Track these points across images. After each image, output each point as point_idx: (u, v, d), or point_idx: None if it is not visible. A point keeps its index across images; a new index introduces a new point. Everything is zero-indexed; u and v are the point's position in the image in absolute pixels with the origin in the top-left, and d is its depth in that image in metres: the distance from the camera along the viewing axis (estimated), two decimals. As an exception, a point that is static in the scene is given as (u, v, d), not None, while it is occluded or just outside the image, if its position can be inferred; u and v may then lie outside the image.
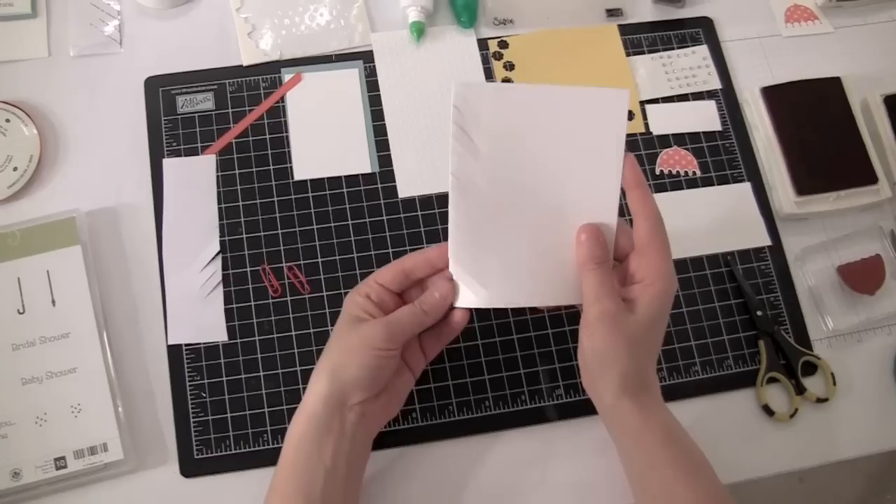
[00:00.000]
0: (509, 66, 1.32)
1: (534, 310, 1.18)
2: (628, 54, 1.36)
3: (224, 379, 1.13)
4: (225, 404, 1.12)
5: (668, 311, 1.01)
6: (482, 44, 1.34)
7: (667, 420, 0.99)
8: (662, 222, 1.00)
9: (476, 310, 1.10)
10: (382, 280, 1.03)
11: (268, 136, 1.25)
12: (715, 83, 1.34)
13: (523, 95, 1.02)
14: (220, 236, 1.19)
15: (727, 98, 1.34)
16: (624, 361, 0.96)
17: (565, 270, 1.02)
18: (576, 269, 1.01)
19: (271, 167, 1.23)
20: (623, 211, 1.02)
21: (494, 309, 1.16)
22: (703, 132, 1.31)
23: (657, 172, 1.28)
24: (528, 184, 1.02)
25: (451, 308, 1.03)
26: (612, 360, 0.96)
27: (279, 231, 1.20)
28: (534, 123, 1.01)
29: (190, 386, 1.13)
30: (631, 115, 1.31)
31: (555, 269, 1.03)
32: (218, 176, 1.22)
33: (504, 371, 1.16)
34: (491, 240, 1.02)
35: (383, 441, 1.10)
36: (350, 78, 1.30)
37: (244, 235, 1.20)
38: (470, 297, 1.03)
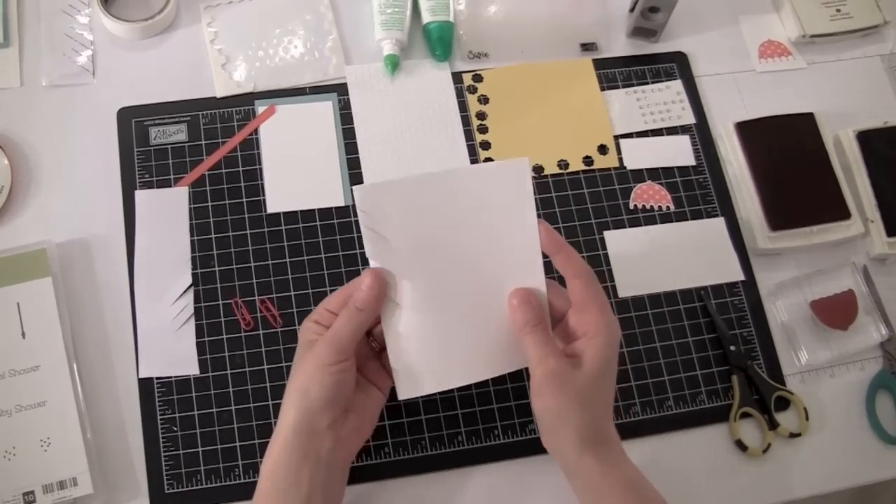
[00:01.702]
0: (483, 100, 1.32)
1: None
2: (603, 88, 1.36)
3: (195, 413, 1.12)
4: (196, 438, 1.11)
5: (615, 361, 1.01)
6: (457, 77, 1.34)
7: (629, 475, 0.98)
8: (594, 276, 1.02)
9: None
10: (330, 306, 1.03)
11: (241, 169, 1.25)
12: (689, 118, 1.35)
13: (426, 184, 1.01)
14: (193, 269, 1.19)
15: (701, 133, 1.34)
16: (578, 417, 0.96)
17: (505, 340, 1.03)
18: (514, 336, 1.02)
19: (244, 199, 1.23)
20: (553, 269, 1.03)
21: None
22: (677, 167, 1.31)
23: (631, 207, 1.28)
24: (452, 265, 1.02)
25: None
26: (566, 417, 0.96)
27: (252, 264, 1.20)
28: (444, 208, 1.01)
29: (161, 420, 1.12)
30: (605, 150, 1.31)
31: (495, 341, 1.04)
32: (190, 208, 1.22)
33: (477, 405, 1.15)
34: (426, 328, 1.02)
35: (355, 475, 1.09)
36: (324, 110, 1.30)
37: (216, 268, 1.19)
38: (415, 387, 1.04)
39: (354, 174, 1.26)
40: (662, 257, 1.26)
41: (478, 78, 1.35)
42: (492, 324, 1.03)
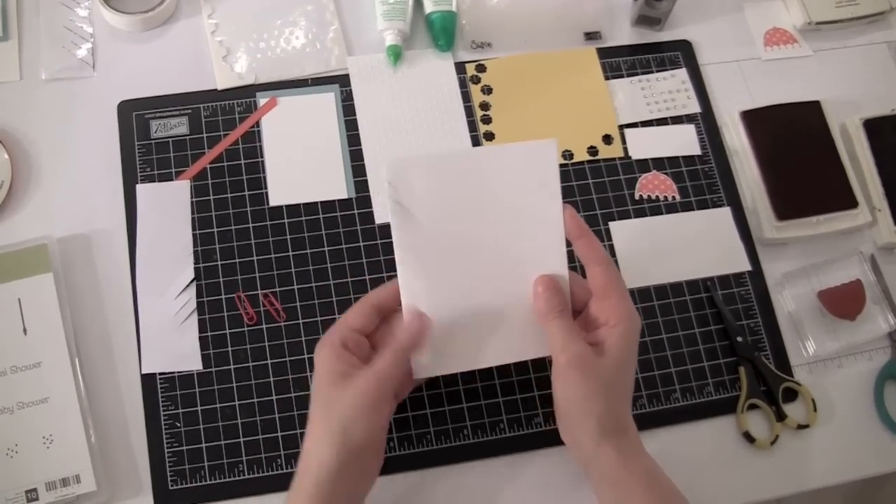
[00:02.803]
0: (487, 90, 1.32)
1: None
2: (607, 78, 1.35)
3: (199, 408, 1.12)
4: (200, 434, 1.11)
5: (636, 350, 1.00)
6: (459, 67, 1.34)
7: (647, 465, 0.98)
8: (614, 265, 1.02)
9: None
10: (355, 324, 1.01)
11: (243, 162, 1.24)
12: (694, 107, 1.34)
13: (454, 162, 1.02)
14: (195, 263, 1.18)
15: (706, 122, 1.33)
16: (600, 405, 0.96)
17: (525, 325, 1.03)
18: (536, 323, 1.01)
19: (246, 193, 1.22)
20: (573, 259, 1.03)
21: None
22: (683, 156, 1.31)
23: (636, 197, 1.27)
24: (474, 246, 1.02)
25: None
26: (588, 405, 0.96)
27: (254, 258, 1.19)
28: (470, 187, 1.01)
29: (164, 416, 1.11)
30: (610, 140, 1.30)
31: (515, 326, 1.04)
32: (192, 202, 1.21)
33: (483, 399, 1.15)
34: (445, 307, 1.02)
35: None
36: (326, 102, 1.29)
37: (219, 262, 1.18)
38: (430, 368, 1.04)
39: (357, 166, 1.25)
40: (668, 248, 1.25)
41: (481, 68, 1.34)
42: (512, 308, 1.03)
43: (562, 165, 1.28)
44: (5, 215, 1.19)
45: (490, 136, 1.29)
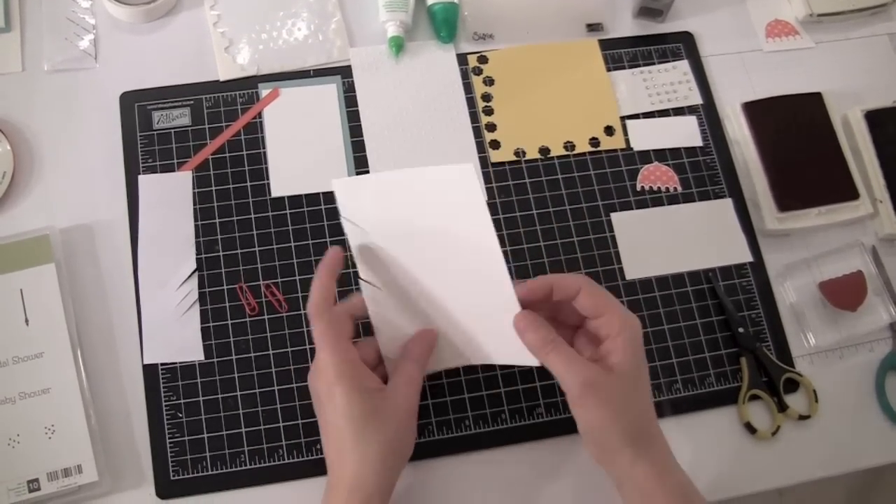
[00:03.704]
0: (489, 82, 1.32)
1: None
2: (609, 69, 1.35)
3: (200, 399, 1.12)
4: (201, 424, 1.11)
5: (643, 352, 1.00)
6: (461, 59, 1.34)
7: (681, 480, 0.97)
8: (591, 281, 1.01)
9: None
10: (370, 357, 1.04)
11: (245, 153, 1.24)
12: (696, 98, 1.34)
13: (394, 182, 1.01)
14: (197, 254, 1.18)
15: (708, 113, 1.33)
16: (625, 421, 0.95)
17: (481, 332, 1.04)
18: (511, 335, 1.00)
19: (248, 184, 1.22)
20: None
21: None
22: (684, 148, 1.31)
23: (638, 189, 1.27)
24: (426, 261, 1.02)
25: None
26: (614, 426, 0.95)
27: (256, 248, 1.19)
28: (411, 206, 1.00)
29: (166, 406, 1.11)
30: (612, 131, 1.30)
31: (473, 332, 1.05)
32: (194, 193, 1.21)
33: (484, 390, 1.15)
34: (408, 314, 1.04)
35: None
36: (328, 93, 1.29)
37: (221, 253, 1.18)
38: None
39: (359, 157, 1.25)
40: (670, 239, 1.25)
41: (483, 59, 1.34)
42: (469, 316, 1.04)
43: (563, 157, 1.28)
44: (7, 206, 1.19)
45: (492, 128, 1.29)
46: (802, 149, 1.28)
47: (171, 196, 1.21)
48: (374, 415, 0.94)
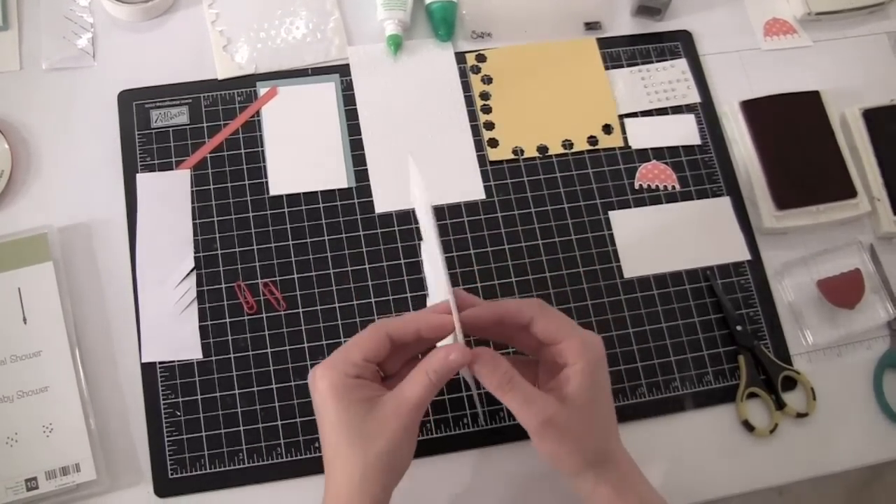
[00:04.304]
0: (487, 80, 1.32)
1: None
2: (607, 68, 1.35)
3: (199, 397, 1.12)
4: (200, 423, 1.11)
5: (605, 377, 0.97)
6: (460, 57, 1.34)
7: (642, 494, 0.97)
8: (542, 303, 0.98)
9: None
10: (368, 353, 0.94)
11: (243, 151, 1.24)
12: (694, 97, 1.34)
13: None
14: (195, 252, 1.18)
15: (706, 112, 1.33)
16: (585, 449, 0.94)
17: None
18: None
19: (247, 182, 1.22)
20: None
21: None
22: (683, 146, 1.31)
23: (636, 187, 1.27)
24: None
25: None
26: (573, 456, 0.94)
27: (254, 247, 1.19)
28: None
29: (164, 404, 1.11)
30: (610, 130, 1.30)
31: None
32: (192, 191, 1.21)
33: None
34: None
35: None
36: (326, 92, 1.29)
37: (219, 251, 1.18)
38: None
39: (357, 155, 1.25)
40: (668, 237, 1.25)
41: (481, 58, 1.34)
42: None
43: (561, 155, 1.28)
44: (5, 205, 1.19)
45: (490, 126, 1.29)
46: (800, 147, 1.28)
47: (169, 195, 1.21)
48: (367, 429, 0.91)
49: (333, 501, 0.92)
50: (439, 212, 1.22)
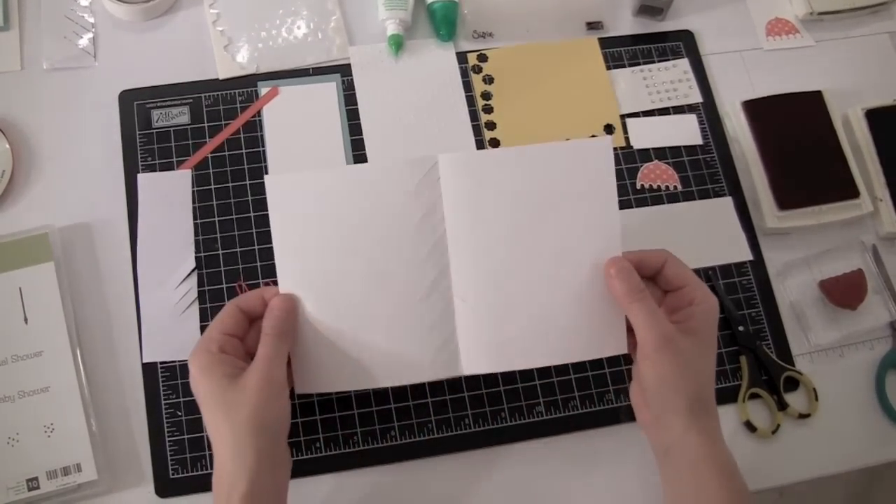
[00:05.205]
0: (488, 80, 1.31)
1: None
2: (609, 67, 1.35)
3: (200, 397, 1.12)
4: (201, 423, 1.10)
5: (717, 328, 1.00)
6: (461, 57, 1.34)
7: (727, 456, 0.97)
8: (677, 258, 1.03)
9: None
10: (227, 328, 0.98)
11: (244, 151, 1.24)
12: (696, 97, 1.34)
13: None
14: (196, 252, 1.18)
15: (708, 112, 1.33)
16: (692, 384, 0.96)
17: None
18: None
19: (248, 182, 1.22)
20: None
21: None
22: (684, 146, 1.30)
23: (638, 187, 1.27)
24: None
25: None
26: (681, 383, 0.95)
27: (255, 247, 1.19)
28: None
29: (165, 404, 1.11)
30: (611, 129, 1.30)
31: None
32: (193, 191, 1.21)
33: (483, 388, 1.15)
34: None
35: (345, 461, 1.10)
36: (327, 91, 1.29)
37: (220, 251, 1.18)
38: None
39: (359, 156, 1.25)
40: (670, 237, 1.24)
41: (482, 58, 1.34)
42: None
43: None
44: (6, 205, 1.19)
45: (492, 126, 1.29)
46: (802, 147, 1.28)
47: (170, 194, 1.21)
48: (230, 397, 0.93)
49: (216, 474, 0.93)
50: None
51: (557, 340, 1.02)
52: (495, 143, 1.28)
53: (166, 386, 1.12)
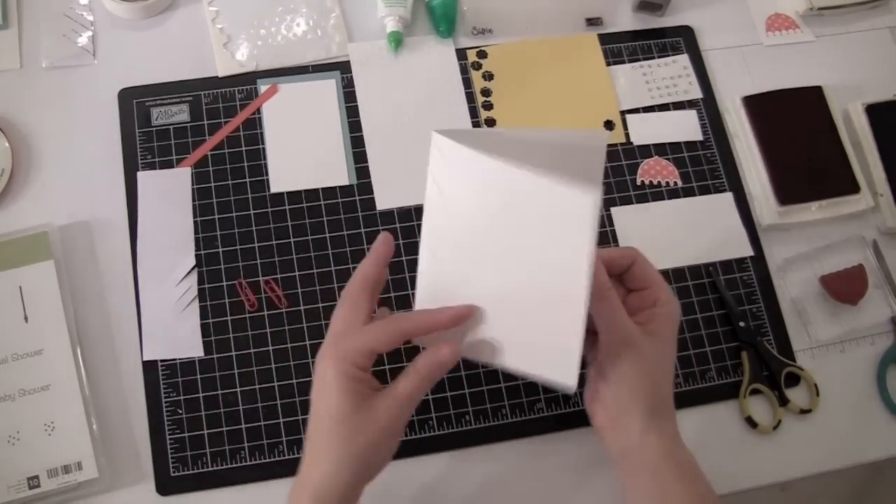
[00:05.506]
0: (488, 76, 1.31)
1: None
2: (608, 63, 1.35)
3: (200, 395, 1.12)
4: (201, 421, 1.11)
5: (677, 332, 1.01)
6: (461, 53, 1.34)
7: (688, 458, 0.97)
8: (648, 260, 1.02)
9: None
10: (378, 347, 0.91)
11: (244, 149, 1.24)
12: (696, 92, 1.34)
13: (496, 172, 0.91)
14: (196, 250, 1.18)
15: (708, 107, 1.33)
16: (651, 386, 0.96)
17: (529, 341, 0.94)
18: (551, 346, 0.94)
19: (247, 180, 1.22)
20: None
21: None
22: (685, 142, 1.30)
23: (638, 183, 1.27)
24: (498, 250, 0.93)
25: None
26: (640, 383, 0.96)
27: (256, 244, 1.19)
28: (503, 198, 0.92)
29: (166, 402, 1.11)
30: (611, 126, 1.30)
31: (521, 337, 0.95)
32: (193, 189, 1.21)
33: (485, 385, 1.15)
34: (457, 294, 0.95)
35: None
36: (327, 89, 1.29)
37: (220, 249, 1.18)
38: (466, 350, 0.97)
39: (358, 152, 1.25)
40: (670, 233, 1.25)
41: (482, 54, 1.33)
42: (523, 318, 0.94)
43: (563, 151, 1.28)
44: (6, 203, 1.19)
45: (491, 122, 1.28)
46: (803, 143, 1.28)
47: (169, 192, 1.20)
48: (356, 421, 0.89)
49: (304, 480, 0.90)
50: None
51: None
52: (495, 139, 1.27)
53: (167, 384, 1.12)
